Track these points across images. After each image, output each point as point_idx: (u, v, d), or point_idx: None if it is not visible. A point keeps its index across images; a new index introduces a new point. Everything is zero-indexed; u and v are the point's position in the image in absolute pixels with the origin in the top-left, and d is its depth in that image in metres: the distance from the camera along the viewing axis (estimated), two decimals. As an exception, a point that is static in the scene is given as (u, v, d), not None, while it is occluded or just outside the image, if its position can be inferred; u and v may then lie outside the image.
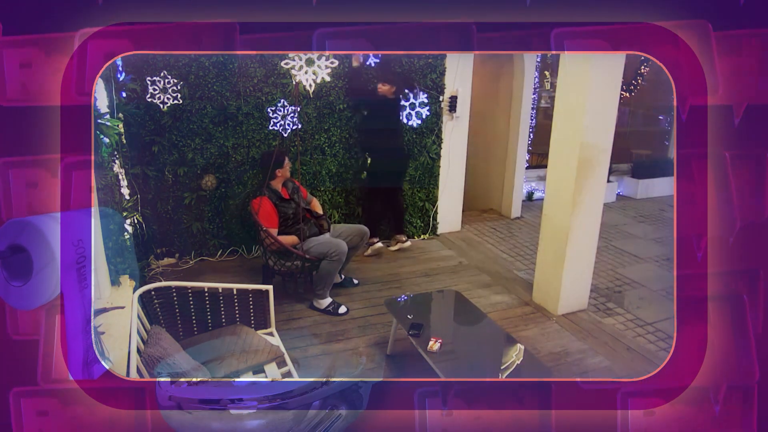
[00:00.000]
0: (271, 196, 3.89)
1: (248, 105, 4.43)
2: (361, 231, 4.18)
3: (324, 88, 4.60)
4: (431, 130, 5.13)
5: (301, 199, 4.04)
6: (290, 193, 4.01)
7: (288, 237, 3.86)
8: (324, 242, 3.89)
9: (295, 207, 3.95)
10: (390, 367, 3.34)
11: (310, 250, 3.84)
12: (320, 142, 4.77)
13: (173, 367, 2.45)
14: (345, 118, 4.77)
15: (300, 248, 3.82)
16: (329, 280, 3.88)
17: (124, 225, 3.96)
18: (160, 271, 4.38)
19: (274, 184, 3.95)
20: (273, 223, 3.84)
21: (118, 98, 3.99)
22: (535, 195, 6.90)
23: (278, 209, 3.88)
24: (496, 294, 4.31)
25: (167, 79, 4.09)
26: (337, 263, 3.83)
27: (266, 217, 3.83)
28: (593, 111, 3.58)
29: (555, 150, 3.86)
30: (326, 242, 3.89)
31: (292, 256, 3.85)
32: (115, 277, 3.62)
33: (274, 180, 3.95)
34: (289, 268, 3.89)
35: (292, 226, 3.91)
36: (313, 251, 3.84)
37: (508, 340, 3.16)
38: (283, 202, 3.92)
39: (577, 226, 3.81)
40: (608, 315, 4.04)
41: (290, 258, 3.86)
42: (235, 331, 2.98)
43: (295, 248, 3.81)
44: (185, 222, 4.55)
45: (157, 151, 4.29)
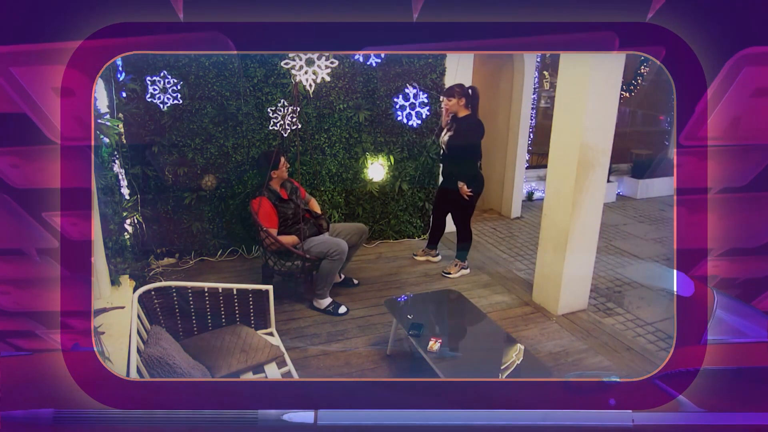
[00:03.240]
0: (270, 197, 3.89)
1: (248, 105, 4.43)
2: (360, 229, 4.18)
3: (324, 88, 4.60)
4: (431, 130, 5.13)
5: (299, 199, 4.04)
6: (289, 193, 4.01)
7: (288, 237, 3.86)
8: (324, 242, 3.89)
9: (294, 207, 3.95)
10: (390, 367, 3.34)
11: (310, 250, 3.84)
12: (320, 142, 4.76)
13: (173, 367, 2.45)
14: (345, 118, 4.76)
15: (300, 248, 3.82)
16: (330, 279, 3.88)
17: (124, 225, 3.97)
18: (160, 271, 4.38)
19: (272, 184, 3.95)
20: (273, 223, 3.84)
21: (118, 98, 3.99)
22: (535, 195, 6.89)
23: (277, 209, 3.88)
24: (496, 294, 4.31)
25: (167, 79, 4.09)
26: (338, 262, 3.83)
27: (266, 217, 3.82)
28: (593, 111, 3.58)
29: (555, 150, 3.85)
30: (326, 241, 3.89)
31: (292, 256, 3.85)
32: (115, 277, 3.62)
33: (272, 181, 3.94)
34: (289, 268, 3.89)
35: (292, 226, 3.91)
36: (313, 251, 3.84)
37: (508, 340, 3.16)
38: (283, 203, 3.92)
39: (577, 226, 3.80)
40: (608, 315, 4.04)
41: (290, 258, 3.86)
42: (235, 331, 2.98)
43: (296, 248, 3.82)
44: (185, 222, 4.55)
45: (157, 151, 4.29)
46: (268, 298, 3.14)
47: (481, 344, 3.18)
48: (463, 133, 4.26)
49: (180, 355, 2.60)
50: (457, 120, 4.28)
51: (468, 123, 4.26)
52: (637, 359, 3.48)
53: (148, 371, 2.42)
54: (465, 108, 4.25)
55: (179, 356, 2.57)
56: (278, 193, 3.94)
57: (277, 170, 3.92)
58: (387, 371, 3.29)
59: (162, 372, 2.42)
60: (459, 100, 4.22)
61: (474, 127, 4.27)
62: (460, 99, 4.22)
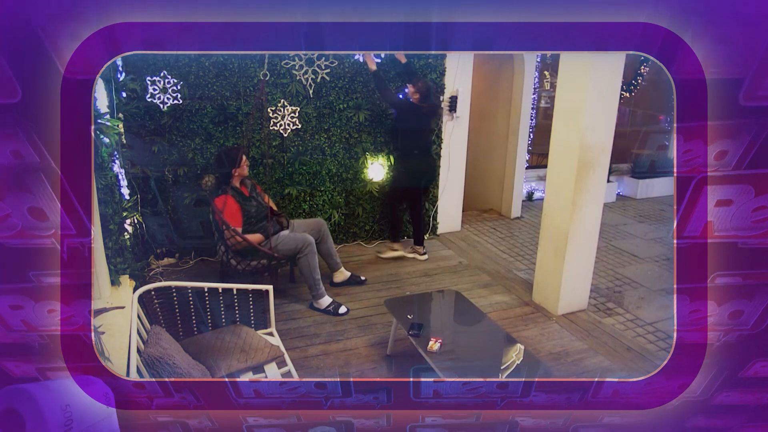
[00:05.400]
0: (234, 195, 3.83)
1: (248, 105, 4.43)
2: (318, 224, 4.20)
3: (324, 88, 4.60)
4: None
5: (260, 197, 4.02)
6: (249, 190, 3.97)
7: (254, 235, 3.83)
8: (291, 238, 3.87)
9: (257, 205, 3.92)
10: (390, 367, 3.34)
11: (277, 248, 3.82)
12: (320, 142, 4.76)
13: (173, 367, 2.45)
14: (345, 118, 4.76)
15: (267, 245, 3.81)
16: (315, 275, 3.86)
17: (124, 225, 3.96)
18: (160, 271, 4.39)
19: (233, 182, 3.89)
20: (238, 222, 3.79)
21: (118, 98, 3.99)
22: (535, 195, 6.89)
23: (241, 208, 3.83)
24: (496, 294, 4.31)
25: (167, 79, 4.09)
26: (312, 256, 3.83)
27: (231, 215, 3.77)
28: (593, 111, 3.58)
29: (555, 150, 3.85)
30: (293, 238, 3.87)
31: (257, 255, 3.81)
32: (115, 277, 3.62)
33: (233, 179, 3.88)
34: (254, 267, 3.85)
35: (256, 224, 3.88)
36: (281, 248, 3.83)
37: (508, 340, 3.16)
38: (246, 200, 3.88)
39: (577, 226, 3.80)
40: (608, 315, 4.04)
41: (256, 256, 3.82)
42: (235, 331, 2.98)
43: (262, 246, 3.80)
44: (185, 222, 4.55)
45: (157, 151, 4.29)
46: (268, 298, 3.14)
47: (481, 344, 3.18)
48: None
49: (180, 355, 2.60)
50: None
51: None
52: (637, 359, 3.48)
53: (148, 371, 2.42)
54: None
55: (179, 356, 2.57)
56: (241, 191, 3.91)
57: (238, 168, 3.87)
58: (387, 371, 3.29)
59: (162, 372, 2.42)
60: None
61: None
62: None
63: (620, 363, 3.43)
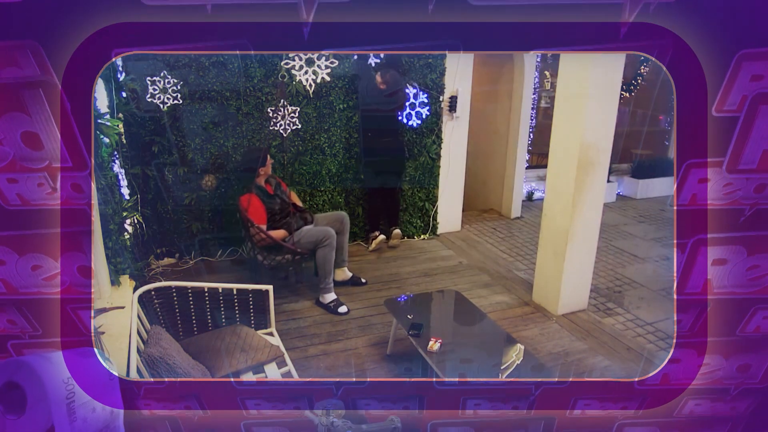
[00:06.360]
0: (258, 193, 3.95)
1: (248, 105, 4.43)
2: (341, 217, 4.27)
3: (324, 88, 4.60)
4: (431, 130, 5.12)
5: (284, 194, 4.12)
6: (274, 188, 4.08)
7: (278, 231, 3.94)
8: (312, 231, 3.97)
9: (280, 202, 4.03)
10: (390, 368, 3.34)
11: (300, 242, 3.92)
12: (320, 142, 4.76)
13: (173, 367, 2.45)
14: (345, 118, 4.76)
15: (290, 241, 3.87)
16: (329, 267, 3.93)
17: (124, 225, 3.97)
18: (160, 271, 4.39)
19: (259, 181, 4.01)
20: (262, 219, 3.90)
21: (118, 98, 3.99)
22: (535, 195, 6.89)
23: (266, 205, 3.94)
24: (496, 294, 4.31)
25: (167, 79, 4.09)
26: (329, 248, 3.90)
27: (256, 213, 3.88)
28: (593, 111, 3.58)
29: (555, 150, 3.85)
30: (314, 231, 3.98)
31: (282, 250, 3.90)
32: (115, 277, 3.62)
33: (259, 177, 4.00)
34: (279, 262, 3.95)
35: (280, 221, 3.98)
36: (303, 242, 3.92)
37: (508, 340, 3.16)
38: (270, 198, 3.99)
39: (577, 226, 3.80)
40: (608, 315, 4.04)
41: (280, 252, 3.91)
42: (235, 331, 2.98)
43: (285, 241, 3.86)
44: (185, 222, 4.55)
45: (157, 151, 4.29)
46: (268, 298, 3.15)
47: (481, 344, 3.18)
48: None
49: (180, 355, 2.60)
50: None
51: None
52: (637, 359, 3.48)
53: (148, 371, 2.43)
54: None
55: (179, 356, 2.57)
56: (265, 189, 4.01)
57: (264, 167, 3.99)
58: (387, 371, 3.29)
59: (162, 372, 2.42)
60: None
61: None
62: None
63: (620, 363, 3.43)
